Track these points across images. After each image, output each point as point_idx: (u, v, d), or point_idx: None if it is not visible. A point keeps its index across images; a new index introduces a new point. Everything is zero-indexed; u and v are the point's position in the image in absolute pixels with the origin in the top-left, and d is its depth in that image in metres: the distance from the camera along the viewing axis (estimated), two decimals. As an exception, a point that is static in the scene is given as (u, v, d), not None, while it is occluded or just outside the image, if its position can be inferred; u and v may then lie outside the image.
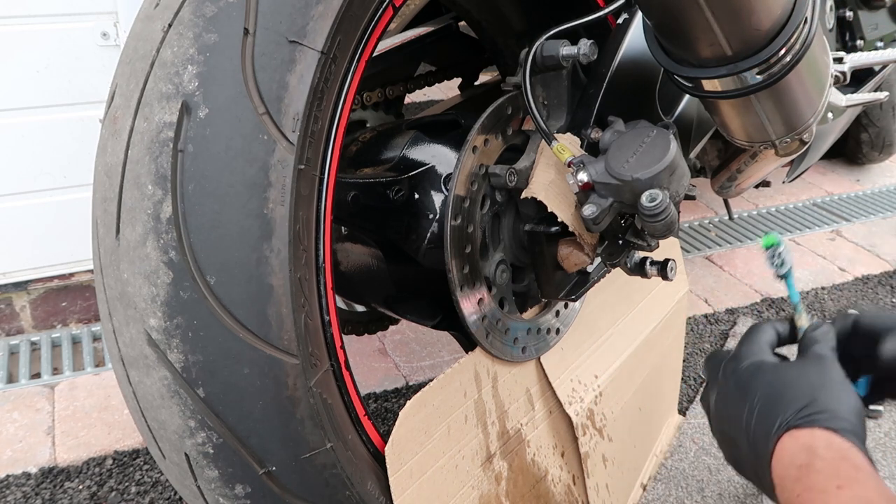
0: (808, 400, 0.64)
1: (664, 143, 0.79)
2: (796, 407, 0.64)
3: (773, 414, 0.64)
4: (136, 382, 0.65)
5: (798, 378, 0.67)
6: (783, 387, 0.66)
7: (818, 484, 0.57)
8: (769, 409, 0.65)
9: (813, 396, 0.64)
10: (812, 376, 0.67)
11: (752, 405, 0.66)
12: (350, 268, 1.01)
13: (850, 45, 1.55)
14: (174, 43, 0.63)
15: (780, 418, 0.63)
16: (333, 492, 0.70)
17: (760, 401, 0.66)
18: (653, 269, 0.99)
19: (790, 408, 0.64)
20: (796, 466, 0.59)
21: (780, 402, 0.65)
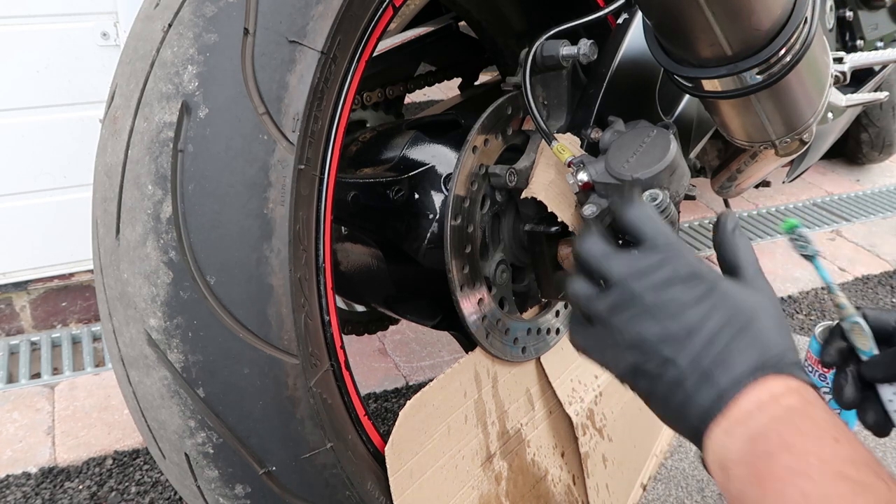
0: (787, 344, 0.60)
1: (664, 143, 0.79)
2: (780, 349, 0.59)
3: (750, 349, 0.58)
4: (136, 382, 0.65)
5: (775, 313, 0.62)
6: (762, 319, 0.60)
7: (812, 431, 0.54)
8: (743, 343, 0.59)
9: (790, 343, 0.61)
10: (781, 317, 0.63)
11: (714, 332, 0.59)
12: (350, 268, 1.01)
13: (850, 45, 1.55)
14: (174, 43, 0.63)
15: (761, 358, 0.58)
16: (333, 492, 0.70)
17: (728, 329, 0.59)
18: (653, 269, 0.99)
19: (779, 347, 0.59)
20: (784, 407, 0.56)
21: (758, 336, 0.59)
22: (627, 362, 0.62)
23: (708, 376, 0.58)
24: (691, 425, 0.59)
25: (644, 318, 0.61)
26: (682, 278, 0.61)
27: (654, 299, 0.61)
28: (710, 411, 0.58)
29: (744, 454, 0.56)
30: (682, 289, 0.61)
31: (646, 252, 0.63)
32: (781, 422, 0.55)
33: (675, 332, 0.60)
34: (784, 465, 0.53)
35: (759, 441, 0.55)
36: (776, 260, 2.02)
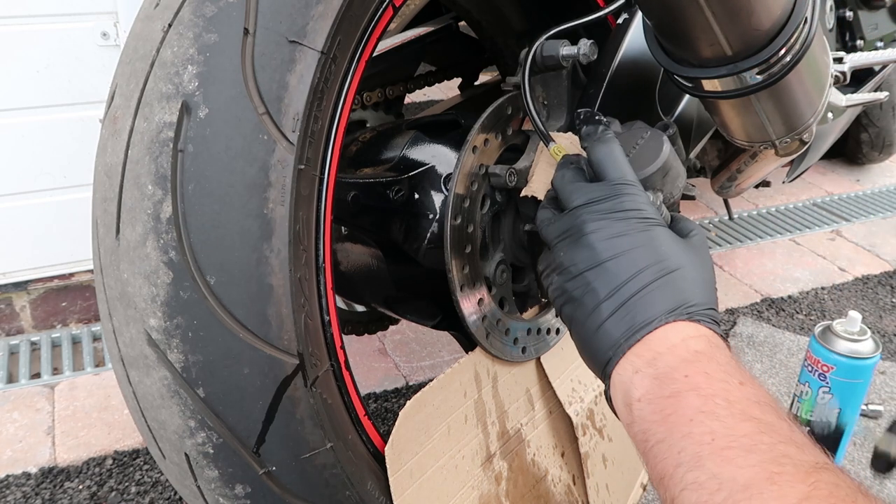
0: (709, 301, 0.62)
1: (657, 144, 0.79)
2: (703, 302, 0.61)
3: (670, 294, 0.60)
4: (136, 382, 0.65)
5: (705, 275, 0.64)
6: (689, 272, 0.62)
7: (718, 374, 0.55)
8: (664, 287, 0.60)
9: (713, 301, 0.63)
10: (711, 280, 0.65)
11: (638, 269, 0.61)
12: (350, 268, 1.01)
13: (850, 45, 1.55)
14: (174, 43, 0.63)
15: (678, 304, 0.60)
16: (333, 492, 0.70)
17: (652, 270, 0.61)
18: (653, 269, 0.99)
19: (698, 300, 0.61)
20: (692, 351, 0.57)
21: (680, 285, 0.61)
22: (556, 284, 0.66)
23: (624, 309, 0.60)
24: (601, 357, 0.61)
25: (580, 243, 0.64)
26: (624, 214, 0.64)
27: (592, 227, 0.64)
28: (621, 344, 0.60)
29: (649, 392, 0.57)
30: (620, 223, 0.63)
31: (601, 185, 0.67)
32: (689, 364, 0.57)
33: (602, 261, 0.62)
34: (691, 404, 0.54)
35: (666, 381, 0.56)
36: (776, 260, 2.02)
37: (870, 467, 0.68)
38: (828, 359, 1.21)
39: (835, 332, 1.22)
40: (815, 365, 1.23)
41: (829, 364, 1.21)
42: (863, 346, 1.20)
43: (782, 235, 2.14)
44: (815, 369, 1.24)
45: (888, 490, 1.28)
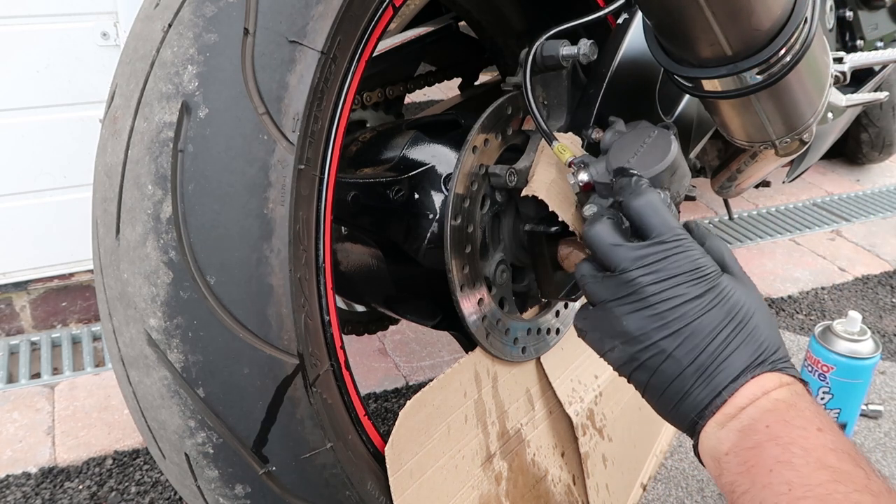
0: (778, 340, 0.62)
1: (665, 143, 0.79)
2: (775, 345, 0.61)
3: (746, 347, 0.60)
4: (136, 382, 0.65)
5: (766, 310, 0.64)
6: (756, 317, 0.62)
7: (797, 422, 0.56)
8: (740, 340, 0.60)
9: (779, 338, 0.63)
10: (770, 313, 0.65)
11: (714, 328, 0.60)
12: (350, 268, 1.01)
13: (850, 45, 1.55)
14: (174, 43, 0.63)
15: (756, 355, 0.60)
16: (333, 492, 0.70)
17: (727, 327, 0.61)
18: (653, 269, 0.99)
19: (772, 344, 0.61)
20: (773, 400, 0.58)
21: (754, 334, 0.61)
22: (625, 352, 0.63)
23: (706, 373, 0.60)
24: (686, 419, 0.61)
25: (644, 310, 0.62)
26: (684, 272, 0.62)
27: (655, 291, 0.62)
28: (707, 407, 0.60)
29: (734, 446, 0.58)
30: (684, 283, 0.62)
31: (651, 244, 0.64)
32: (770, 413, 0.57)
33: (675, 327, 0.61)
34: (771, 455, 0.55)
35: (749, 433, 0.57)
36: (776, 260, 2.02)
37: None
38: (828, 359, 1.21)
39: (835, 332, 1.22)
40: (815, 365, 1.23)
41: (829, 364, 1.21)
42: (863, 346, 1.20)
43: (782, 235, 2.14)
44: (815, 369, 1.24)
45: (888, 490, 1.28)
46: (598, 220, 0.67)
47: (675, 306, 0.61)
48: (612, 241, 0.65)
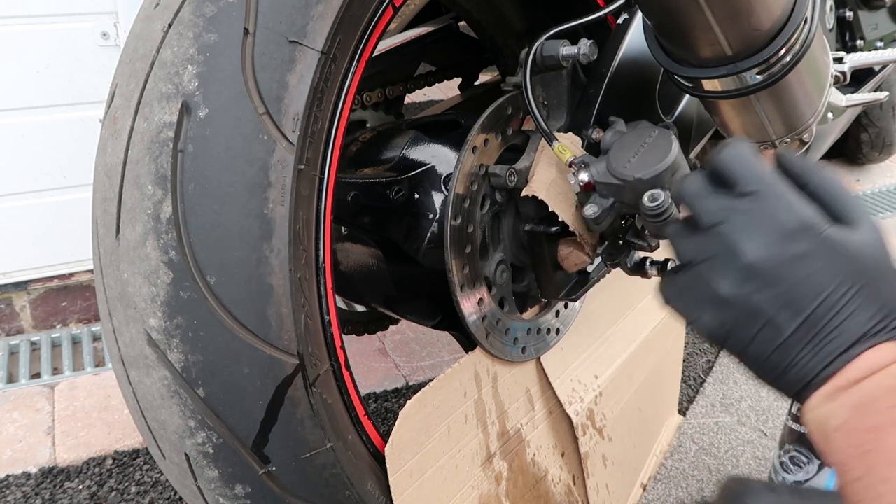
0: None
1: (666, 143, 0.79)
2: (893, 308, 0.52)
3: (862, 312, 0.52)
4: (136, 382, 0.65)
5: (888, 263, 0.54)
6: (877, 275, 0.53)
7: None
8: (856, 305, 0.52)
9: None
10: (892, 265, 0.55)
11: (823, 292, 0.52)
12: (350, 268, 1.01)
13: (850, 45, 1.55)
14: (174, 43, 0.63)
15: (873, 322, 0.51)
16: (333, 492, 0.70)
17: (839, 289, 0.52)
18: (653, 269, 0.99)
19: (887, 309, 0.52)
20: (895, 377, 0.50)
21: (873, 296, 0.52)
22: (717, 319, 0.56)
23: (813, 341, 0.52)
24: (790, 390, 0.54)
25: (739, 274, 0.54)
26: (784, 229, 0.53)
27: (753, 253, 0.53)
28: (814, 378, 0.52)
29: (846, 423, 0.51)
30: (784, 241, 0.53)
31: (741, 194, 0.55)
32: (893, 394, 0.50)
33: (778, 291, 0.53)
34: (893, 445, 0.48)
35: (866, 412, 0.50)
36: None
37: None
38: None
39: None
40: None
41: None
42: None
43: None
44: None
45: (888, 490, 1.28)
46: (693, 177, 0.59)
47: (776, 266, 0.52)
48: (701, 192, 0.57)
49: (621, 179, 0.79)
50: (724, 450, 1.35)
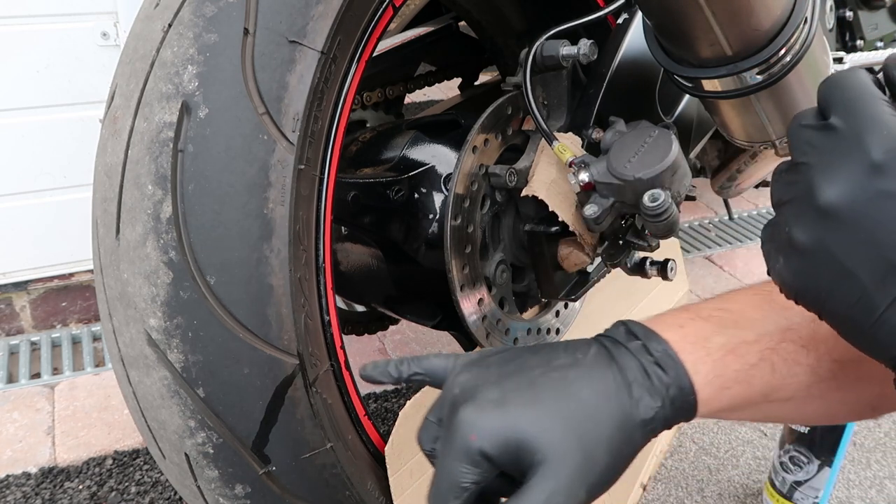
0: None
1: (666, 143, 0.79)
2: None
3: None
4: (136, 382, 0.65)
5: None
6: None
7: None
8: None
9: None
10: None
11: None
12: (350, 268, 1.01)
13: (850, 45, 1.55)
14: (174, 43, 0.63)
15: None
16: (333, 492, 0.70)
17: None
18: (653, 269, 0.99)
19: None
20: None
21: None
22: (791, 269, 0.48)
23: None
24: (883, 353, 0.46)
25: (815, 217, 0.46)
26: (871, 161, 0.44)
27: (830, 192, 0.45)
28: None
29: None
30: (870, 176, 0.44)
31: (828, 129, 0.47)
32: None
33: (856, 238, 0.44)
34: None
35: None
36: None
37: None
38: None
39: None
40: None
41: (830, 364, 1.21)
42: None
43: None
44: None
45: (888, 490, 1.28)
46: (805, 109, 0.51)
47: (853, 205, 0.44)
48: (799, 125, 0.49)
49: (621, 179, 0.79)
50: (724, 450, 1.35)
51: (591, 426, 0.53)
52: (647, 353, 0.56)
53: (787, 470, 1.16)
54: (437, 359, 0.60)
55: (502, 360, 0.58)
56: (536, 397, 0.53)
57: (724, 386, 0.56)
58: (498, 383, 0.55)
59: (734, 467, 1.31)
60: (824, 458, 1.13)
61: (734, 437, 1.38)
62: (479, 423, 0.52)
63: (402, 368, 0.60)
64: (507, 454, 0.51)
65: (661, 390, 0.54)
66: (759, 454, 1.35)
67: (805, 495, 1.16)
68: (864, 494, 1.28)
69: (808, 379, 0.57)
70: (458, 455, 0.52)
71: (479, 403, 0.53)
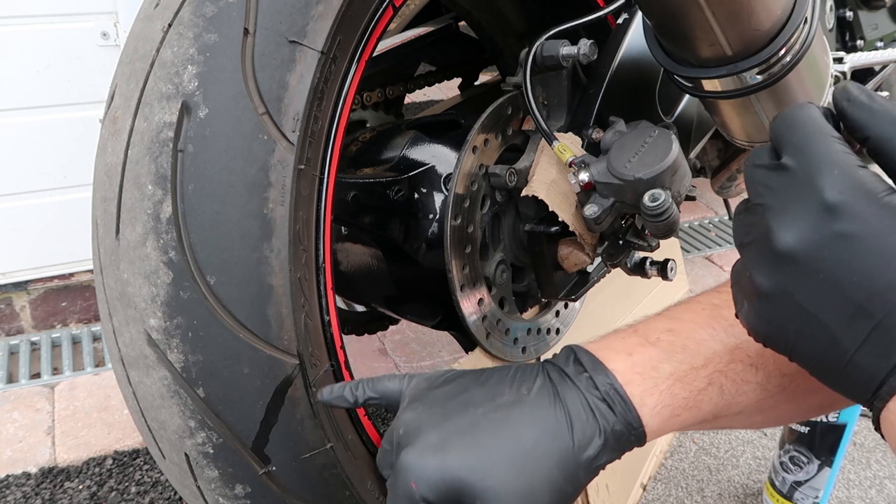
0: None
1: (666, 143, 0.79)
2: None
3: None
4: (136, 382, 0.65)
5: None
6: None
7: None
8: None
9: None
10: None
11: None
12: (350, 268, 1.01)
13: (850, 45, 1.55)
14: (174, 43, 0.63)
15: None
16: (333, 492, 0.70)
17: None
18: (653, 269, 0.99)
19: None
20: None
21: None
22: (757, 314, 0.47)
23: (874, 339, 0.42)
24: (859, 395, 0.45)
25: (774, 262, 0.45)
26: (824, 203, 0.42)
27: (786, 237, 0.44)
28: (885, 383, 0.43)
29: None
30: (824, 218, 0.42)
31: (780, 169, 0.46)
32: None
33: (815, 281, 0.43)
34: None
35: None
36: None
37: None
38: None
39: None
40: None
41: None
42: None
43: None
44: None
45: (888, 490, 1.28)
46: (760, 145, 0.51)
47: (809, 249, 0.43)
48: (753, 165, 0.48)
49: (622, 179, 0.79)
50: (724, 450, 1.35)
51: (531, 467, 0.52)
52: (594, 387, 0.55)
53: (787, 470, 1.16)
54: (389, 381, 0.61)
55: (447, 396, 0.57)
56: (476, 440, 0.53)
57: (674, 414, 0.56)
58: (439, 424, 0.55)
59: (734, 467, 1.31)
60: (824, 458, 1.13)
61: (734, 437, 1.38)
62: (418, 470, 0.52)
63: (357, 393, 0.62)
64: (448, 499, 0.52)
65: (607, 428, 0.54)
66: (759, 454, 1.35)
67: (805, 495, 1.16)
68: (864, 494, 1.28)
69: (757, 395, 0.57)
70: (402, 500, 0.52)
71: (419, 448, 0.53)
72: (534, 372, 0.58)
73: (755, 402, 0.57)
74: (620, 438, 0.55)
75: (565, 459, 0.53)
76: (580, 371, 0.56)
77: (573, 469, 0.53)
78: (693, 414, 0.56)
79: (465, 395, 0.57)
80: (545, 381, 0.57)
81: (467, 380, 0.59)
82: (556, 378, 0.57)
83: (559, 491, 0.53)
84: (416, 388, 0.60)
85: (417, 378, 0.61)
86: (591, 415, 0.54)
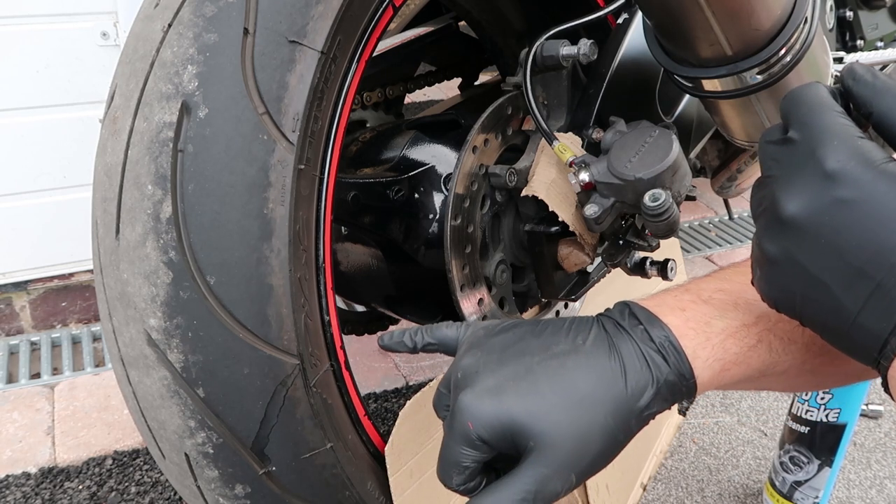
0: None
1: (667, 143, 0.79)
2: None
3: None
4: (136, 382, 0.65)
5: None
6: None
7: None
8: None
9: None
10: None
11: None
12: (350, 268, 1.01)
13: (850, 45, 1.55)
14: (174, 43, 0.63)
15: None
16: (333, 492, 0.70)
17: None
18: (653, 269, 0.99)
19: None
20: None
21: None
22: (767, 280, 0.50)
23: (875, 301, 0.44)
24: (865, 356, 0.47)
25: (780, 229, 0.47)
26: (825, 171, 0.45)
27: (789, 204, 0.46)
28: (888, 343, 0.44)
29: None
30: (824, 185, 0.45)
31: (786, 142, 0.49)
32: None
33: (817, 246, 0.46)
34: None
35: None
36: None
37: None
38: (828, 359, 1.21)
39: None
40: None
41: (830, 364, 1.21)
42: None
43: (782, 235, 2.14)
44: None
45: (888, 490, 1.28)
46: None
47: (811, 215, 0.45)
48: (765, 140, 0.51)
49: (622, 179, 0.79)
50: (724, 450, 1.35)
51: (585, 414, 0.53)
52: (649, 339, 0.56)
53: (787, 470, 1.16)
54: (448, 329, 0.65)
55: (504, 344, 0.59)
56: (532, 386, 0.54)
57: (724, 369, 0.57)
58: (496, 370, 0.56)
59: (734, 467, 1.31)
60: (824, 458, 1.13)
61: (734, 437, 1.38)
62: (475, 411, 0.54)
63: (416, 339, 0.65)
64: (503, 440, 0.53)
65: (660, 378, 0.55)
66: (759, 454, 1.35)
67: (805, 495, 1.16)
68: (864, 494, 1.28)
69: (802, 355, 0.58)
70: (458, 439, 0.54)
71: (476, 391, 0.55)
72: (589, 323, 0.59)
73: (800, 363, 0.58)
74: (673, 389, 0.56)
75: (619, 407, 0.54)
76: (635, 324, 0.57)
77: (626, 416, 0.54)
78: (742, 370, 0.57)
79: (521, 344, 0.58)
80: (600, 331, 0.58)
81: (523, 329, 0.60)
82: (611, 329, 0.58)
83: (611, 437, 0.54)
84: (473, 336, 0.62)
85: (474, 326, 0.63)
86: (646, 365, 0.55)
